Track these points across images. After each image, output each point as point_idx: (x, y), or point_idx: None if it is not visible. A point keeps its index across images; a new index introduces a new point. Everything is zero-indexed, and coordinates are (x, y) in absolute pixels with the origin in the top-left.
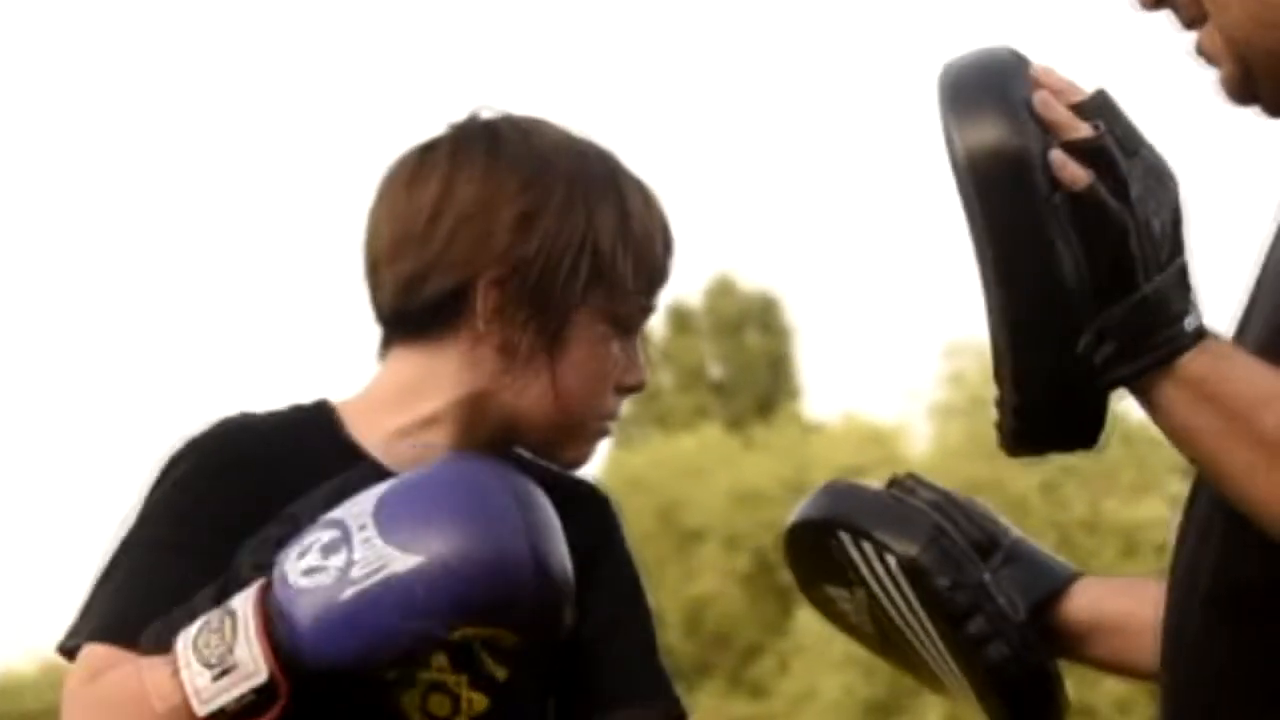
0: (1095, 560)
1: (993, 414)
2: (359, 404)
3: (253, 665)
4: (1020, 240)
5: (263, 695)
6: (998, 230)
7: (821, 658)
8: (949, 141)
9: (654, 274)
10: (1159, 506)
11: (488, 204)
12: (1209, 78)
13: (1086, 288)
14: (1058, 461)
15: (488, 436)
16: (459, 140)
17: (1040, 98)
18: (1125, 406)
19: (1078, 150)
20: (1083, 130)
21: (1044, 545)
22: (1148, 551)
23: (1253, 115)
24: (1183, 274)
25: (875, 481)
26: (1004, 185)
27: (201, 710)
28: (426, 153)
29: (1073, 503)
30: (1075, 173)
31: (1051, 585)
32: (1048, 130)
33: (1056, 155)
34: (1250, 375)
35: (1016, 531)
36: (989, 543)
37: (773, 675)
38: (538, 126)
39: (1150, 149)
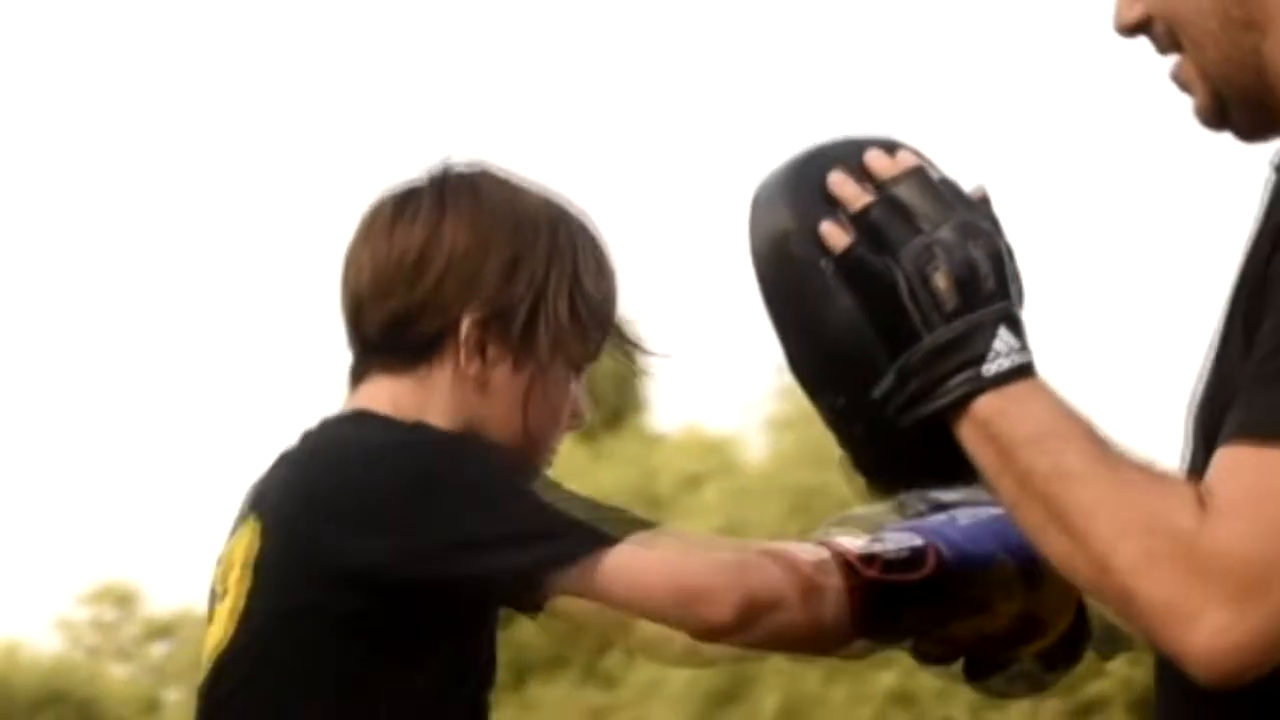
0: None
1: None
2: None
3: (906, 538)
4: (789, 301)
5: (914, 558)
6: (771, 296)
7: None
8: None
9: (612, 316)
10: None
11: (476, 249)
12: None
13: (867, 338)
14: None
15: None
16: (440, 188)
17: (832, 179)
18: None
19: (854, 219)
20: (862, 202)
21: None
22: None
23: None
24: (987, 322)
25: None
26: (774, 258)
27: (861, 550)
28: (408, 198)
29: None
30: (836, 238)
31: None
32: (838, 206)
33: (824, 225)
34: (1031, 416)
35: None
36: None
37: (622, 667)
38: (510, 176)
39: (962, 210)
